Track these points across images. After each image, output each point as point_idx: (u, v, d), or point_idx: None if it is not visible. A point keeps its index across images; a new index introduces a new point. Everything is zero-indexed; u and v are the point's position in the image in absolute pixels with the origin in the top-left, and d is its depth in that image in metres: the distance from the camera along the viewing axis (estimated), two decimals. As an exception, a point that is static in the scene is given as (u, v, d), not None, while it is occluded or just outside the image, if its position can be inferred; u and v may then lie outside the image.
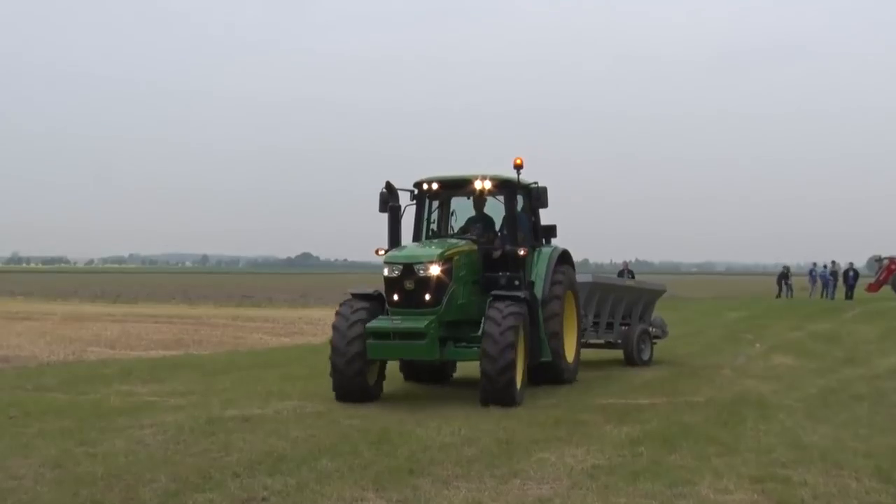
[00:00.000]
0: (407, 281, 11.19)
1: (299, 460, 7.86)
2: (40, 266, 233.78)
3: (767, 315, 31.41)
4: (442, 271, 11.19)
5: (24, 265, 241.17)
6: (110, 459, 7.86)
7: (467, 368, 13.29)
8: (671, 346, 18.95)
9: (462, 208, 13.17)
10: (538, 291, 12.35)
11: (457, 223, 13.13)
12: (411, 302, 11.20)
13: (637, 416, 10.16)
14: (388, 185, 12.34)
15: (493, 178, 12.28)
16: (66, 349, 18.65)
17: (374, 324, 11.20)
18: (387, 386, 12.03)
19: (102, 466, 7.55)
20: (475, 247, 12.11)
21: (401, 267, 11.25)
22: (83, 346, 19.63)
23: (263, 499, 6.67)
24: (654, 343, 16.31)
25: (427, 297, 11.14)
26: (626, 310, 16.31)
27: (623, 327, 16.17)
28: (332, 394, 11.30)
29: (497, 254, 12.12)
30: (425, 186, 12.51)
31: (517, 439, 8.82)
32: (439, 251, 11.43)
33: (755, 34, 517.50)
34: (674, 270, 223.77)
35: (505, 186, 12.41)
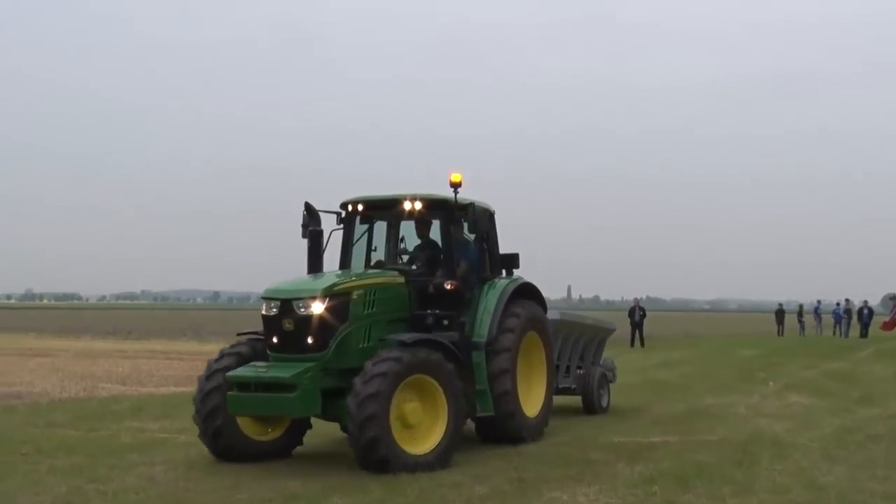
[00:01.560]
0: (285, 320, 9.43)
1: (310, 498, 7.82)
2: (53, 302, 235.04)
3: (780, 353, 31.21)
4: (326, 309, 9.41)
5: (38, 301, 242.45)
6: (121, 497, 7.85)
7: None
8: (684, 385, 18.85)
9: (411, 233, 11.46)
10: (481, 334, 10.57)
11: (409, 250, 11.52)
12: (291, 346, 9.46)
13: (649, 455, 10.08)
14: (308, 207, 10.83)
15: (423, 198, 10.68)
16: (78, 385, 18.65)
17: (236, 372, 9.55)
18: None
19: (113, 504, 7.54)
20: (401, 279, 10.43)
21: (278, 303, 9.52)
22: (95, 382, 19.64)
23: (274, 537, 6.62)
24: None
25: (309, 339, 9.38)
26: (582, 351, 14.47)
27: (578, 371, 14.27)
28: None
29: (431, 288, 10.51)
30: (350, 208, 11.01)
31: (528, 478, 8.76)
32: (326, 285, 9.65)
33: (752, 65, 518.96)
34: (685, 307, 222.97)
35: (438, 207, 10.75)
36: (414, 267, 11.00)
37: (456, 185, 10.43)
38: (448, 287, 10.39)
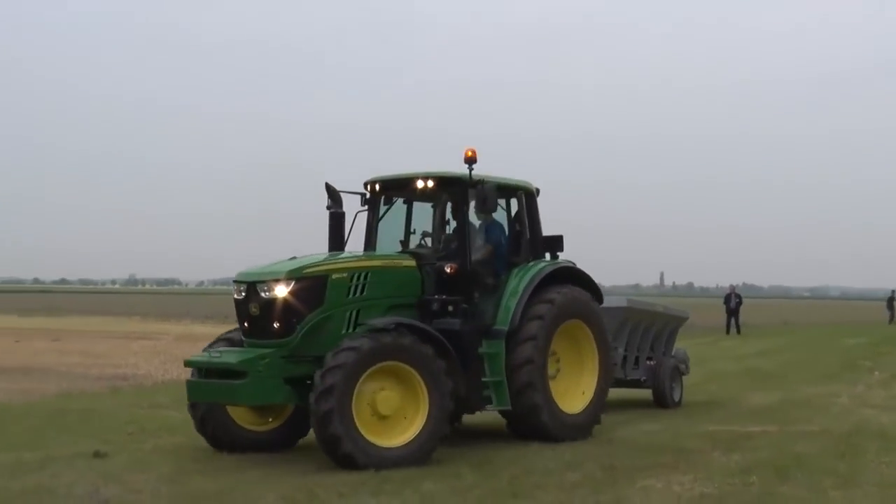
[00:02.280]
0: (251, 304, 9.02)
1: (402, 482, 7.88)
2: (154, 287, 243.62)
3: (887, 342, 30.01)
4: (292, 293, 8.88)
5: (140, 286, 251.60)
6: (221, 476, 8.07)
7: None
8: (783, 373, 18.32)
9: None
10: (504, 321, 9.86)
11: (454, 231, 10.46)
12: (258, 331, 9.03)
13: (747, 445, 9.82)
14: (328, 188, 10.30)
15: (434, 176, 10.04)
16: (179, 368, 19.24)
17: (192, 358, 9.32)
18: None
19: (214, 483, 7.77)
20: (411, 262, 9.78)
21: (245, 287, 9.12)
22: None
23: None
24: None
25: (275, 325, 8.90)
26: (652, 341, 13.69)
27: (649, 362, 13.52)
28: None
29: (440, 272, 9.83)
30: (370, 188, 10.56)
31: (621, 465, 8.65)
32: (292, 267, 9.06)
33: (858, 51, 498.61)
34: (784, 295, 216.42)
35: (449, 185, 10.07)
36: (436, 249, 10.27)
37: (470, 161, 9.79)
38: (448, 270, 9.75)
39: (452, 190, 10.09)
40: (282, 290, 8.90)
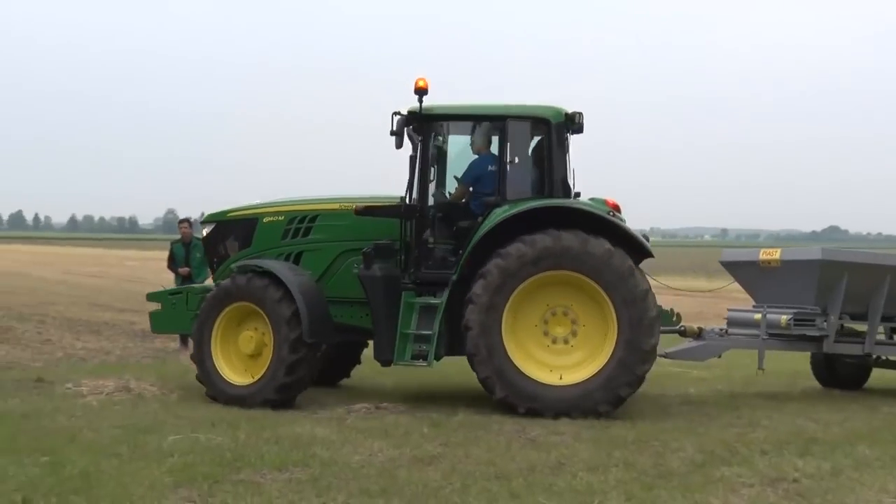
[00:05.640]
0: (202, 243, 10.58)
1: (833, 444, 7.41)
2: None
3: None
4: (214, 234, 9.98)
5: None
6: (639, 425, 8.19)
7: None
8: None
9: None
10: (457, 273, 8.68)
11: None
12: (212, 268, 10.27)
13: None
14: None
15: (403, 112, 8.91)
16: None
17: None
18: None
19: (633, 431, 7.90)
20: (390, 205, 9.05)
21: (204, 227, 10.35)
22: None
23: (794, 480, 6.38)
24: None
25: (210, 265, 10.20)
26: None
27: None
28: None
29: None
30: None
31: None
32: (222, 210, 10.06)
33: None
34: None
35: (411, 121, 8.91)
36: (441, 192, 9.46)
37: (420, 91, 8.77)
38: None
39: (415, 125, 8.92)
40: (207, 231, 10.06)
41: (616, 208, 9.11)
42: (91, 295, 24.33)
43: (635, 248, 8.77)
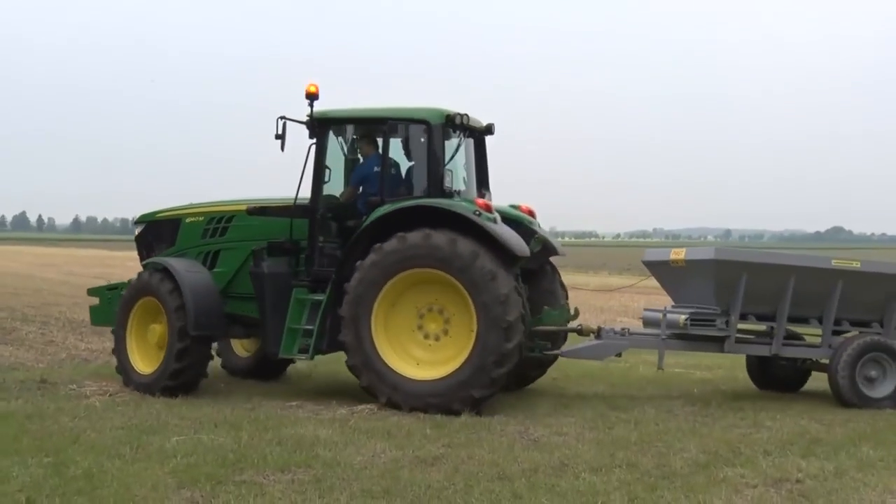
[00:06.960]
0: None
1: (836, 445, 7.41)
2: (573, 240, 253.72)
3: None
4: (143, 234, 10.70)
5: (560, 238, 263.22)
6: (642, 426, 8.19)
7: None
8: None
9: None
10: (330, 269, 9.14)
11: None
12: None
13: None
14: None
15: (312, 117, 9.39)
16: (598, 318, 19.88)
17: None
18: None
19: (636, 432, 7.91)
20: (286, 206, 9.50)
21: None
22: (613, 315, 20.75)
23: (798, 480, 6.40)
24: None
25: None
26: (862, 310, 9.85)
27: (836, 337, 9.88)
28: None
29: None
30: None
31: None
32: (151, 211, 10.78)
33: None
34: None
35: (316, 124, 9.40)
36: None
37: (311, 96, 9.29)
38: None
39: (312, 129, 9.39)
40: (137, 231, 10.72)
41: (530, 214, 9.82)
42: (94, 296, 24.34)
43: (504, 250, 8.60)
